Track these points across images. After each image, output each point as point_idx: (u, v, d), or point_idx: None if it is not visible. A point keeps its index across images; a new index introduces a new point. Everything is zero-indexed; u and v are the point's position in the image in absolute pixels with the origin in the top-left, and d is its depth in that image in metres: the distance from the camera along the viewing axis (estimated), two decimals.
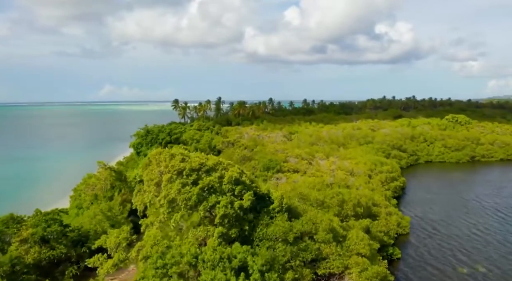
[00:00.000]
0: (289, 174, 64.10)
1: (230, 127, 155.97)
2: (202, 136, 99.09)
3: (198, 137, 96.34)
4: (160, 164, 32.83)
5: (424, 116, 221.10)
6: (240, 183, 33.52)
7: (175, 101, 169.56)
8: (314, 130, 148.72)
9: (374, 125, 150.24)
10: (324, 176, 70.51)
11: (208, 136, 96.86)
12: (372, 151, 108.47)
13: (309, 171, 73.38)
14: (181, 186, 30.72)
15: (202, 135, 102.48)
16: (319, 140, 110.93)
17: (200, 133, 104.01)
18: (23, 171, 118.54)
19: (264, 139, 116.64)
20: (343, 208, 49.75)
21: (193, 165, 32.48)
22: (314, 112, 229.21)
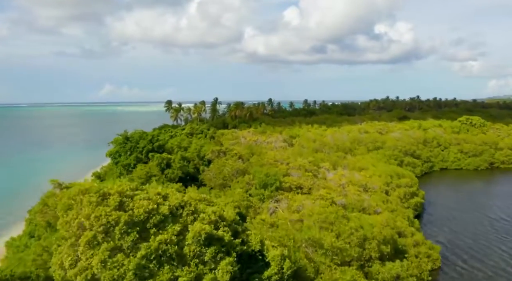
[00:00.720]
0: (291, 195, 50.81)
1: (227, 130, 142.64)
2: (191, 142, 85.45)
3: (186, 144, 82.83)
4: (81, 211, 19.69)
5: (430, 117, 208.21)
6: (215, 240, 20.40)
7: (168, 102, 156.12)
8: (317, 133, 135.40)
9: (382, 128, 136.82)
10: (333, 193, 57.20)
11: (197, 143, 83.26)
12: (383, 159, 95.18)
13: (315, 187, 60.00)
14: (108, 254, 17.73)
15: (190, 141, 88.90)
16: (324, 146, 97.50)
17: (188, 139, 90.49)
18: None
19: (262, 144, 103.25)
20: (364, 249, 36.41)
21: (136, 214, 19.36)
22: (316, 113, 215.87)
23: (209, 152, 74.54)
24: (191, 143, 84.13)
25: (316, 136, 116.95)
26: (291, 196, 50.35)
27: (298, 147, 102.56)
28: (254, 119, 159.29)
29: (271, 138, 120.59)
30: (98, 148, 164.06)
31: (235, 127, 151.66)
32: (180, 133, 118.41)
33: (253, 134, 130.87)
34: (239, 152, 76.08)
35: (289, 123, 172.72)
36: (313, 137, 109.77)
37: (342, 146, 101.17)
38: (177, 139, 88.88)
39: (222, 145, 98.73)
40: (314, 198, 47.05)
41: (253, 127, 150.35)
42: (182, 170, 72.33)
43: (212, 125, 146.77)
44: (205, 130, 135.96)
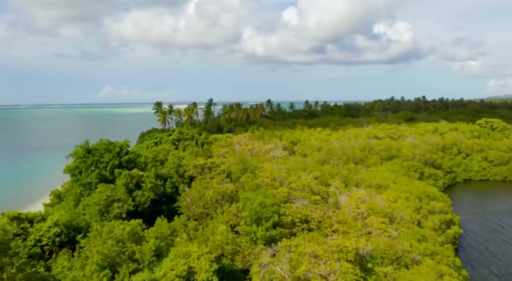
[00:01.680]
0: (295, 241, 34.76)
1: (221, 134, 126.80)
2: (170, 154, 69.01)
3: (163, 157, 66.48)
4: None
5: (439, 118, 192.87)
6: None
7: (157, 104, 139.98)
8: (321, 138, 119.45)
9: (393, 132, 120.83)
10: (351, 230, 41.36)
11: (176, 155, 66.79)
12: (401, 170, 79.21)
13: (326, 221, 44.04)
14: None
15: (169, 152, 72.50)
16: (330, 155, 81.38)
17: (165, 151, 74.17)
18: None
19: (258, 154, 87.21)
20: None
21: None
22: (317, 114, 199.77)
23: (191, 167, 58.47)
24: (169, 154, 67.78)
25: (320, 143, 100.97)
26: (296, 243, 34.24)
27: (301, 156, 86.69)
28: (251, 122, 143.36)
29: (270, 145, 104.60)
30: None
31: (230, 131, 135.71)
32: (166, 139, 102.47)
33: (249, 140, 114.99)
34: (228, 167, 59.99)
35: (290, 126, 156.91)
36: (317, 144, 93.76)
37: (351, 155, 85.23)
38: (154, 150, 72.31)
39: (211, 156, 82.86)
40: (328, 249, 31.04)
41: (250, 130, 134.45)
42: (155, 191, 56.42)
43: (205, 129, 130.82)
44: (196, 136, 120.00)
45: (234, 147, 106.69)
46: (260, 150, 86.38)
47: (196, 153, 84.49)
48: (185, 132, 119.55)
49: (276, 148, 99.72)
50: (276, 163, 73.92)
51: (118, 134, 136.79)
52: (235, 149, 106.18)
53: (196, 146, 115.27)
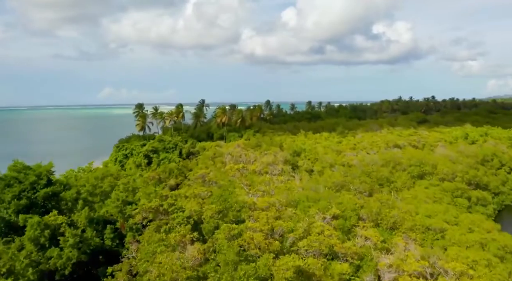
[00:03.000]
0: None
1: (210, 142, 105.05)
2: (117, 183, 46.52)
3: (108, 187, 43.94)
4: None
5: (453, 120, 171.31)
6: None
7: (138, 106, 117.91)
8: (328, 145, 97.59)
9: (415, 140, 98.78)
10: None
11: (126, 185, 44.13)
12: (445, 196, 57.23)
13: None
14: None
15: (116, 178, 49.86)
16: (349, 176, 59.08)
17: (110, 178, 51.55)
18: None
19: (251, 173, 65.13)
20: None
21: None
22: (321, 117, 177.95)
23: (140, 210, 36.32)
24: (119, 181, 45.29)
25: (331, 155, 78.90)
26: None
27: (307, 174, 64.89)
28: (247, 126, 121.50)
29: (268, 157, 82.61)
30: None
31: (222, 138, 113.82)
32: (139, 151, 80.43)
33: (243, 149, 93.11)
34: (199, 210, 37.62)
35: (291, 130, 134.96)
36: (329, 159, 71.49)
37: (376, 173, 63.13)
38: (94, 176, 49.13)
39: (187, 176, 60.91)
40: None
41: (245, 137, 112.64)
42: (84, 248, 34.70)
43: (193, 136, 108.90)
44: (180, 144, 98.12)
45: (225, 158, 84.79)
46: (255, 169, 64.05)
47: (170, 172, 62.52)
48: (167, 140, 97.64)
49: (276, 161, 77.70)
50: (275, 189, 51.86)
51: (114, 137, 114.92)
52: (225, 160, 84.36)
53: (180, 157, 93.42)
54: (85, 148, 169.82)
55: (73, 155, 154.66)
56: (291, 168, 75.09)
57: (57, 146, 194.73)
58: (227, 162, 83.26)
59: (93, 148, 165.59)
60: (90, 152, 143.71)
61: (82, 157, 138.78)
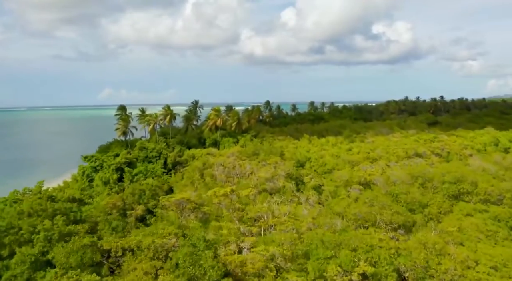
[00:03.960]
0: None
1: (201, 149, 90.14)
2: None
3: (27, 232, 28.73)
4: None
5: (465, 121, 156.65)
6: None
7: (121, 108, 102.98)
8: (337, 153, 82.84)
9: (438, 147, 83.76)
10: None
11: (44, 234, 28.98)
12: (501, 229, 42.33)
13: None
14: None
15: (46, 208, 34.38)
16: (376, 207, 43.46)
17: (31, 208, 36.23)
18: None
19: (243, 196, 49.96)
20: None
21: None
22: (324, 118, 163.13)
23: None
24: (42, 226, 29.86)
25: (344, 167, 63.95)
26: None
27: (320, 208, 49.73)
28: (244, 130, 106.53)
29: (266, 169, 67.75)
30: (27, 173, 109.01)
31: (215, 143, 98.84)
32: (110, 163, 65.23)
33: (238, 158, 78.29)
34: None
35: (293, 134, 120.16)
36: (343, 175, 56.11)
37: (405, 197, 48.01)
38: (19, 209, 33.32)
39: (159, 201, 45.95)
40: None
41: (243, 142, 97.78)
42: None
43: (182, 142, 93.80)
44: (165, 152, 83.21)
45: (215, 170, 69.87)
46: (248, 194, 48.72)
47: (140, 195, 47.50)
48: (150, 148, 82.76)
49: (276, 175, 62.73)
50: (276, 223, 36.97)
51: (107, 139, 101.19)
52: (215, 173, 69.48)
53: (164, 168, 78.46)
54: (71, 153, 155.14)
55: (56, 161, 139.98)
56: (294, 184, 60.14)
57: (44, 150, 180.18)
58: (218, 176, 68.50)
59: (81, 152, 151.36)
60: (74, 158, 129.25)
61: (64, 164, 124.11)
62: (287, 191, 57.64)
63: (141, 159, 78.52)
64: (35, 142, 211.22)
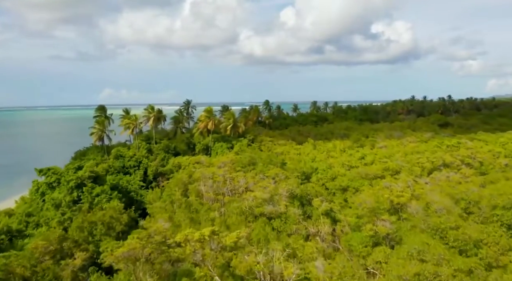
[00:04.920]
0: None
1: (189, 156, 76.41)
2: None
3: None
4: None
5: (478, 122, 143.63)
6: None
7: (100, 109, 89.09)
8: (348, 162, 69.15)
9: (469, 155, 69.72)
10: None
11: None
12: None
13: None
14: None
15: None
16: (430, 266, 29.12)
17: None
18: None
19: (228, 243, 35.85)
20: None
21: None
22: (328, 119, 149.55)
23: None
24: None
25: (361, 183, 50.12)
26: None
27: (345, 261, 35.85)
28: (241, 134, 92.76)
29: (265, 184, 53.92)
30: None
31: (206, 149, 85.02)
32: (69, 178, 51.22)
33: (231, 169, 64.42)
34: None
35: (295, 137, 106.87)
36: (365, 199, 41.98)
37: (454, 234, 34.20)
38: None
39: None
40: None
41: (238, 147, 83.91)
42: None
43: (168, 148, 79.85)
44: (146, 161, 69.40)
45: (202, 186, 55.98)
46: (235, 240, 34.58)
47: (91, 230, 33.73)
48: (128, 156, 68.93)
49: (276, 194, 48.88)
50: None
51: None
52: (202, 190, 55.64)
53: (143, 181, 64.71)
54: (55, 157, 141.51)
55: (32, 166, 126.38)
56: (300, 207, 46.22)
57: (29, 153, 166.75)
58: (205, 193, 54.63)
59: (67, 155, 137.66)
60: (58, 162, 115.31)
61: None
62: (290, 218, 43.91)
63: (115, 170, 64.76)
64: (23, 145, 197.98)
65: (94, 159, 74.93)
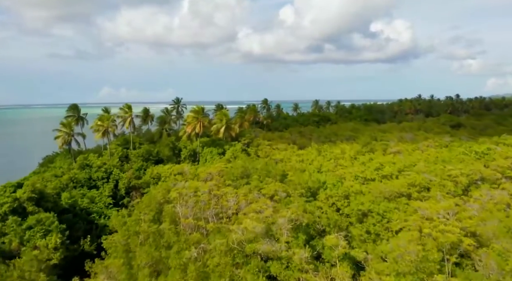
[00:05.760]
0: None
1: (172, 165, 63.69)
2: None
3: None
4: None
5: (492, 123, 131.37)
6: None
7: (72, 108, 76.08)
8: (361, 172, 56.34)
9: (507, 165, 56.81)
10: None
11: None
12: None
13: None
14: None
15: None
16: None
17: None
18: None
19: None
20: None
21: None
22: (332, 119, 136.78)
23: None
24: None
25: (391, 212, 37.41)
26: None
27: None
28: (234, 137, 79.92)
29: (260, 205, 41.23)
30: None
31: (193, 155, 72.11)
32: (3, 201, 38.46)
33: (220, 183, 51.68)
34: None
35: (296, 140, 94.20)
36: (402, 244, 29.30)
37: None
38: None
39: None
40: None
41: (230, 153, 71.00)
42: None
43: (148, 155, 66.96)
44: (117, 171, 56.49)
45: (178, 209, 43.04)
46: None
47: None
48: (96, 165, 55.99)
49: (276, 221, 36.07)
50: None
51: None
52: (180, 212, 42.73)
53: (113, 197, 51.77)
54: None
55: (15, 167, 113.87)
56: (307, 244, 33.44)
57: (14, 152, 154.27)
58: (182, 219, 41.76)
59: None
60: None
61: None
62: (294, 261, 31.16)
63: (79, 183, 51.91)
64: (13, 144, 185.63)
65: (61, 167, 62.21)
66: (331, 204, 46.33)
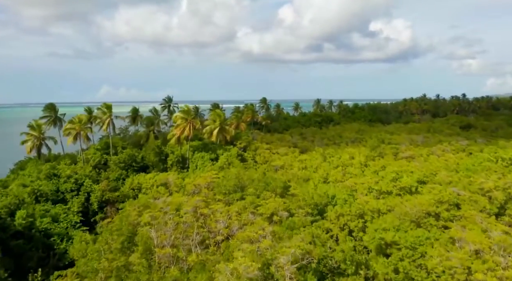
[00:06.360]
0: None
1: (155, 174, 55.16)
2: None
3: None
4: None
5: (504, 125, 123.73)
6: None
7: (48, 108, 67.16)
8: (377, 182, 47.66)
9: None
10: None
11: None
12: None
13: None
14: None
15: None
16: None
17: None
18: None
19: None
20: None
21: None
22: (335, 119, 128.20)
23: None
24: None
25: (422, 243, 28.75)
26: None
27: None
28: (229, 141, 71.18)
29: (255, 229, 32.53)
30: None
31: (183, 162, 63.41)
32: None
33: (209, 198, 43.04)
34: None
35: (298, 143, 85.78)
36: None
37: None
38: None
39: None
40: None
41: (224, 160, 62.18)
42: None
43: (131, 160, 58.30)
44: (88, 183, 47.72)
45: (153, 234, 34.35)
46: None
47: None
48: (64, 175, 47.24)
49: (274, 261, 27.39)
50: None
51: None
52: (155, 238, 34.04)
53: (81, 214, 43.05)
54: None
55: None
56: None
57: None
58: (158, 250, 33.00)
59: None
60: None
61: None
62: None
63: (44, 196, 43.22)
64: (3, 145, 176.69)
65: (29, 175, 53.49)
66: (343, 225, 37.79)
